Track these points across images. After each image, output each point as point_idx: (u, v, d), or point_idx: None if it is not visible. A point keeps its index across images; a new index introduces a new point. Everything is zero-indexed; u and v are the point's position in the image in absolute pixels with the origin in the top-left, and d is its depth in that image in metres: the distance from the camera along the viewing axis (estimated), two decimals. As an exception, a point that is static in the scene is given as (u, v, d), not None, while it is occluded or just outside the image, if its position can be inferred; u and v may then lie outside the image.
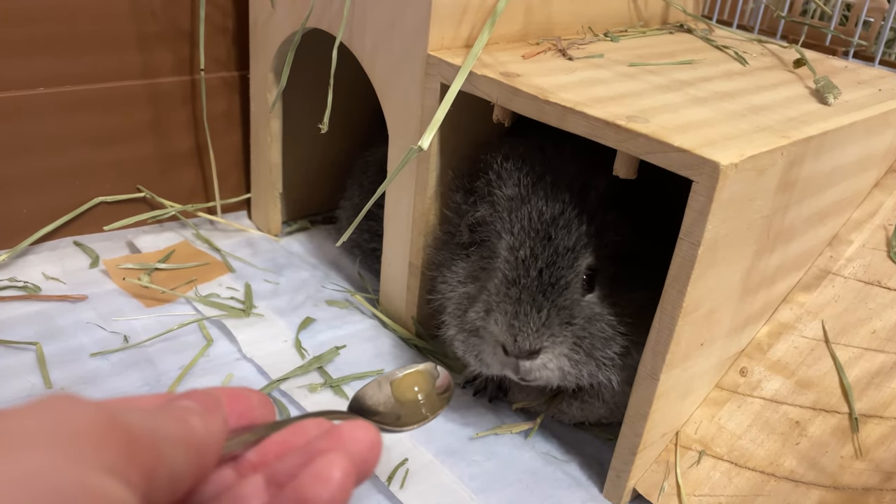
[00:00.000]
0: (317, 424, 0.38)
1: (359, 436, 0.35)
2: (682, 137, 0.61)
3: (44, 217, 1.03)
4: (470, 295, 0.75)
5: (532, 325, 0.67)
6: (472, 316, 0.72)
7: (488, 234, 0.74)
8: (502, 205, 0.73)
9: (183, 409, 0.34)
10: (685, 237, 0.61)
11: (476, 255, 0.77)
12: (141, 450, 0.28)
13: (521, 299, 0.68)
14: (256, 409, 0.39)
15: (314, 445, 0.35)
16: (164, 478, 0.29)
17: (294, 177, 1.15)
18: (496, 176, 0.74)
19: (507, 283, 0.69)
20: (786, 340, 0.80)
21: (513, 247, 0.70)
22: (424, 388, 0.63)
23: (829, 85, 0.79)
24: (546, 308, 0.68)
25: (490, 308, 0.70)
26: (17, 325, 0.89)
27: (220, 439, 0.34)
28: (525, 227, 0.70)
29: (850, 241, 0.86)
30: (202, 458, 0.33)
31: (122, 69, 1.02)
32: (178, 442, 0.31)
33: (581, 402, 0.83)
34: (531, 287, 0.68)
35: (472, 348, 0.73)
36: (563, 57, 0.82)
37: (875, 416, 0.74)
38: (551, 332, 0.68)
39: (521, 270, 0.69)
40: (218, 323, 0.94)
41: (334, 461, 0.33)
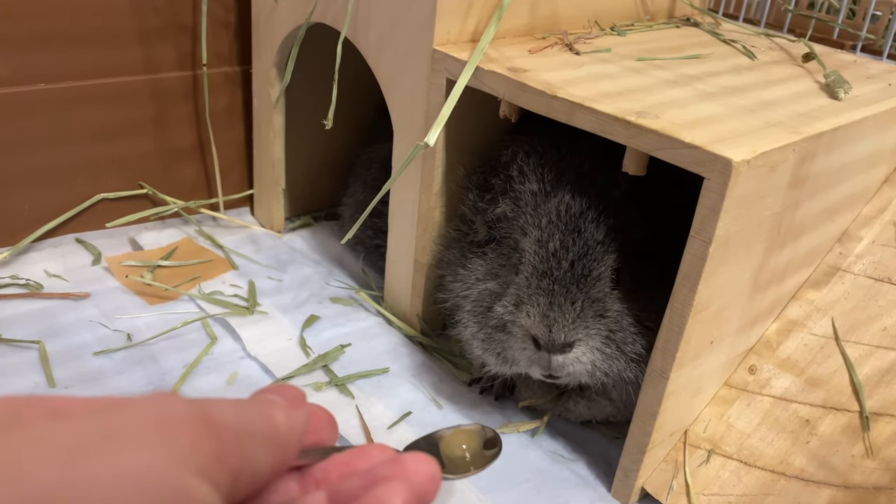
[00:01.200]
0: (381, 451, 0.40)
1: (421, 468, 0.35)
2: (693, 133, 0.60)
3: (45, 214, 1.02)
4: (491, 291, 0.74)
5: (567, 316, 0.66)
6: (499, 310, 0.71)
7: (509, 230, 0.73)
8: (526, 200, 0.72)
9: (269, 403, 0.35)
10: (696, 235, 0.61)
11: (494, 253, 0.75)
12: (230, 452, 0.30)
13: (555, 290, 0.67)
14: (324, 429, 0.41)
15: (377, 471, 0.36)
16: (247, 476, 0.31)
17: (297, 173, 1.14)
18: (518, 172, 0.73)
19: (538, 276, 0.68)
20: (795, 338, 0.79)
21: (542, 240, 0.69)
22: (472, 446, 0.64)
23: (840, 80, 0.79)
24: (580, 300, 0.67)
25: (521, 301, 0.68)
26: (20, 324, 0.89)
27: (301, 435, 0.36)
28: (553, 220, 0.69)
29: (860, 238, 0.85)
30: (283, 454, 0.34)
31: (123, 65, 1.01)
32: (263, 439, 0.33)
33: (588, 400, 0.82)
34: (564, 279, 0.67)
35: (496, 345, 0.71)
36: (570, 51, 0.82)
37: (886, 414, 0.73)
38: (585, 325, 0.67)
39: (552, 262, 0.68)
40: (222, 321, 0.93)
41: (396, 489, 0.33)
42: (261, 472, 0.33)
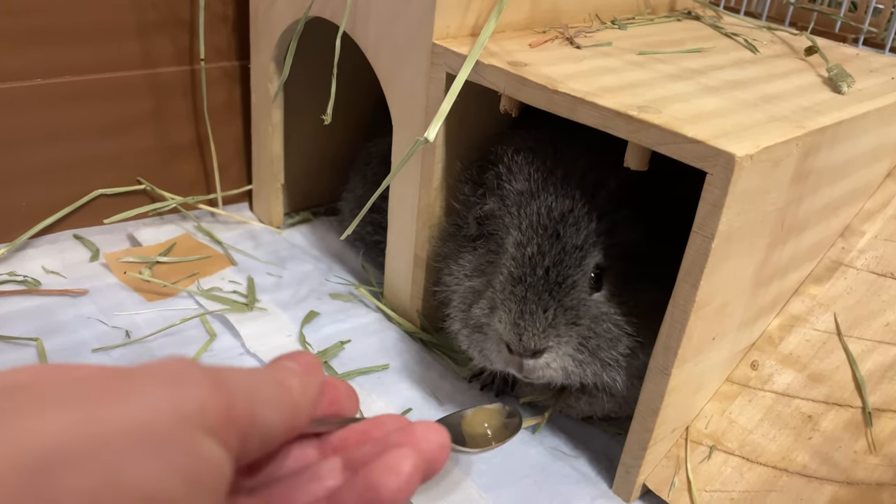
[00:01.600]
0: (394, 420, 0.41)
1: (430, 436, 0.37)
2: (696, 128, 0.59)
3: (43, 210, 1.01)
4: (475, 289, 0.74)
5: (538, 325, 0.66)
6: (476, 312, 0.71)
7: (496, 227, 0.73)
8: (512, 199, 0.71)
9: (284, 369, 0.37)
10: (698, 230, 0.60)
11: (483, 249, 0.75)
12: (239, 413, 0.31)
13: (527, 298, 0.66)
14: (344, 401, 0.42)
15: (389, 439, 0.37)
16: (257, 438, 0.33)
17: (296, 168, 1.14)
18: (506, 169, 0.73)
19: (512, 281, 0.68)
20: (797, 333, 0.79)
21: (520, 243, 0.68)
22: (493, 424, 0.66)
23: (843, 73, 0.78)
24: (552, 308, 0.66)
25: (494, 306, 0.69)
26: (18, 320, 0.88)
27: (314, 401, 0.37)
28: (533, 223, 0.68)
29: (863, 232, 0.84)
30: (294, 417, 0.36)
31: (121, 59, 1.01)
32: (275, 404, 0.34)
33: (589, 396, 0.82)
34: (537, 286, 0.67)
35: (476, 343, 0.72)
36: (570, 45, 0.81)
37: (889, 409, 0.73)
38: (557, 333, 0.66)
39: (527, 268, 0.67)
40: (221, 317, 0.93)
41: (406, 455, 0.35)
42: (272, 435, 0.34)
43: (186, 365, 0.31)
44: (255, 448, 0.33)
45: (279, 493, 0.38)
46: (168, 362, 0.32)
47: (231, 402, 0.31)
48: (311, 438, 0.41)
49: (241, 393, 0.32)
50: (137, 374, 0.30)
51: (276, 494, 0.37)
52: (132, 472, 0.26)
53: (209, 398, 0.30)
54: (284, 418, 0.35)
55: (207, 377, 0.31)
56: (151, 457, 0.27)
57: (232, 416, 0.31)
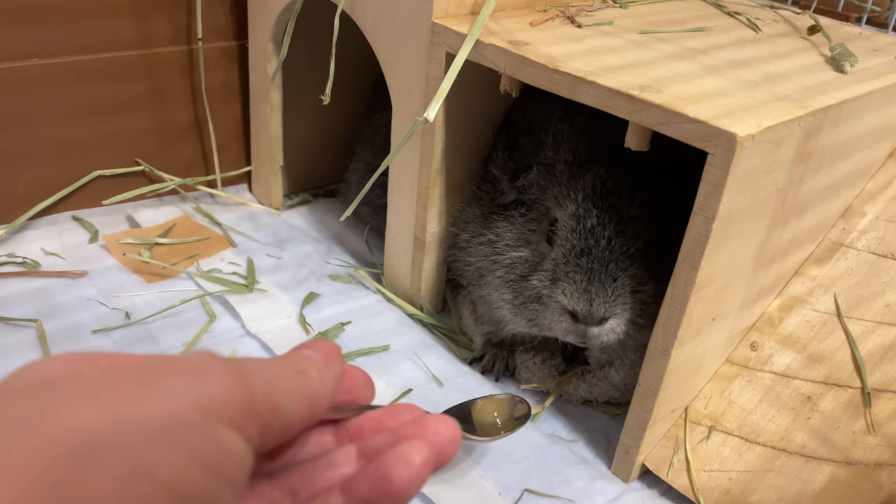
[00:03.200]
0: (409, 410, 0.43)
1: (442, 429, 0.38)
2: (697, 108, 0.59)
3: (41, 191, 1.01)
4: (525, 260, 0.75)
5: (606, 294, 0.69)
6: (535, 283, 0.73)
7: (541, 197, 0.74)
8: (560, 169, 0.73)
9: (304, 359, 0.38)
10: (699, 211, 0.60)
11: (524, 218, 0.76)
12: (260, 405, 0.32)
13: (593, 269, 0.69)
14: (360, 389, 0.44)
15: (403, 430, 0.39)
16: (277, 427, 0.34)
17: (295, 149, 1.13)
18: (551, 139, 0.74)
19: (577, 254, 0.70)
20: (797, 314, 0.79)
21: (578, 215, 0.70)
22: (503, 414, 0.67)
23: (846, 52, 0.77)
24: (619, 277, 0.69)
25: (557, 277, 0.71)
26: (17, 302, 0.88)
27: (333, 390, 0.38)
28: (589, 195, 0.70)
29: (864, 213, 0.84)
30: (314, 407, 0.37)
31: (118, 39, 1.00)
32: (295, 394, 0.35)
33: (589, 384, 0.82)
34: (602, 257, 0.69)
35: (530, 313, 0.73)
36: (571, 24, 0.80)
37: (888, 390, 0.73)
38: (623, 301, 0.69)
39: (590, 240, 0.70)
40: (220, 299, 0.93)
41: (418, 447, 0.36)
42: (292, 424, 0.35)
43: (210, 359, 0.33)
44: (276, 437, 0.35)
45: (297, 477, 0.39)
46: (192, 356, 0.33)
47: (252, 395, 0.32)
48: (328, 425, 0.42)
49: (262, 385, 0.33)
50: (164, 367, 0.31)
51: (295, 479, 0.39)
52: (158, 464, 0.28)
53: (231, 392, 0.31)
54: (304, 408, 0.36)
55: (230, 371, 0.32)
56: (176, 449, 0.28)
57: (253, 408, 0.32)
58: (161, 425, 0.28)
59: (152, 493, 0.27)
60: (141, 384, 0.30)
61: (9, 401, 0.29)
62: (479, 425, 0.66)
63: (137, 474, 0.27)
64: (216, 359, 0.33)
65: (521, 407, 0.69)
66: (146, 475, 0.27)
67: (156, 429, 0.28)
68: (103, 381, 0.30)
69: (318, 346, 0.40)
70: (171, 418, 0.29)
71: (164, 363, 0.32)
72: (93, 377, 0.30)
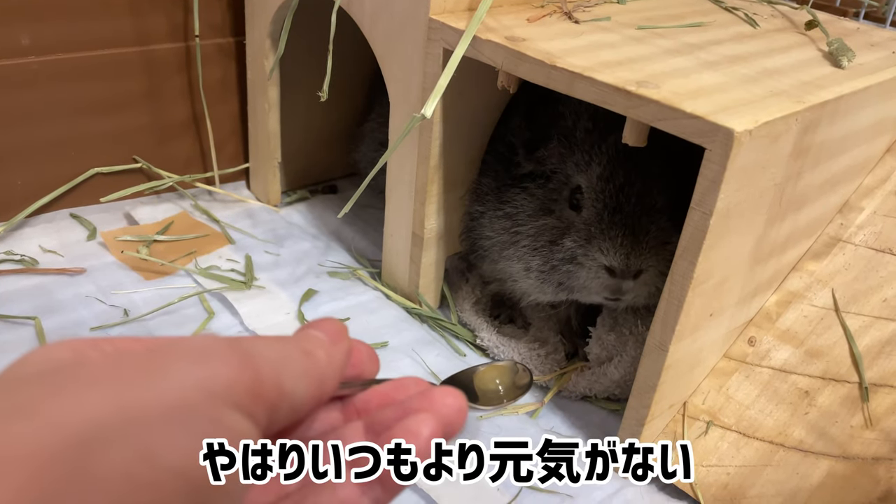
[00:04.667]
0: (415, 383, 0.42)
1: (449, 401, 0.38)
2: (695, 103, 0.59)
3: (39, 189, 1.01)
4: (551, 226, 0.77)
5: (642, 246, 0.72)
6: (569, 244, 0.75)
7: (561, 166, 0.77)
8: (580, 137, 0.76)
9: (310, 339, 0.37)
10: (697, 206, 0.60)
11: (543, 189, 0.79)
12: (267, 387, 0.32)
13: (626, 224, 0.72)
14: (366, 363, 0.43)
15: (409, 403, 0.39)
16: (285, 409, 0.34)
17: (293, 146, 1.13)
18: (569, 110, 0.76)
19: (609, 212, 0.73)
20: (795, 309, 0.79)
21: (605, 177, 0.73)
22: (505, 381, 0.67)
23: (843, 47, 0.77)
24: (651, 231, 0.73)
25: (593, 236, 0.74)
26: (15, 299, 0.88)
27: (340, 370, 0.38)
28: (613, 157, 0.73)
29: (862, 208, 0.84)
30: (322, 388, 0.37)
31: (114, 36, 1.00)
32: (301, 375, 0.35)
33: (589, 379, 0.82)
34: (633, 213, 0.73)
35: (562, 276, 0.76)
36: (569, 20, 0.80)
37: (885, 385, 0.73)
38: (656, 253, 0.73)
39: (620, 198, 0.73)
40: (219, 295, 0.93)
41: (425, 420, 0.36)
42: (300, 406, 0.35)
43: (215, 341, 0.33)
44: (284, 418, 0.35)
45: None
46: (197, 339, 0.33)
47: (259, 377, 0.32)
48: (335, 401, 0.42)
49: (269, 367, 0.33)
50: (168, 352, 0.31)
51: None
52: (165, 448, 0.28)
53: (237, 375, 0.31)
54: (311, 389, 0.36)
55: (236, 353, 0.32)
56: (182, 433, 0.28)
57: (259, 391, 0.32)
58: (166, 410, 0.28)
59: (160, 477, 0.27)
60: (145, 370, 0.30)
61: (13, 389, 0.29)
62: (480, 393, 0.65)
63: (144, 459, 0.27)
64: (222, 341, 0.33)
65: (524, 375, 0.69)
66: (153, 460, 0.27)
67: (161, 414, 0.28)
68: (107, 367, 0.30)
69: (325, 325, 0.40)
70: (177, 403, 0.29)
71: (169, 347, 0.32)
72: (97, 363, 0.30)
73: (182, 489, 0.28)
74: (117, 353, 0.34)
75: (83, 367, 0.30)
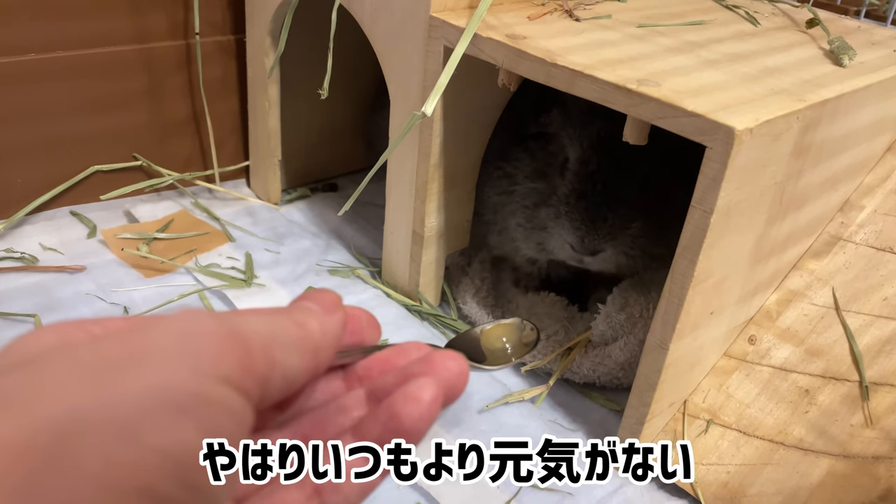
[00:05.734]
0: (416, 348, 0.42)
1: (449, 364, 0.37)
2: (696, 101, 0.59)
3: (39, 187, 1.01)
4: (539, 191, 0.84)
5: (597, 232, 0.78)
6: (542, 215, 0.83)
7: (560, 133, 0.82)
8: (575, 114, 0.80)
9: (303, 310, 0.37)
10: (697, 205, 0.60)
11: (543, 151, 0.84)
12: (256, 360, 0.32)
13: (588, 209, 0.78)
14: (366, 330, 0.43)
15: (410, 368, 0.38)
16: (277, 382, 0.33)
17: (293, 144, 1.13)
18: None
19: (576, 195, 0.79)
20: (795, 308, 0.79)
21: (582, 160, 0.79)
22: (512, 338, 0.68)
23: (844, 46, 0.77)
24: (610, 218, 0.78)
25: (559, 214, 0.80)
26: (16, 297, 0.88)
27: (336, 340, 0.37)
28: (594, 143, 0.78)
29: (862, 207, 0.84)
30: (316, 359, 0.36)
31: (114, 34, 0.99)
32: (294, 346, 0.34)
33: (592, 361, 0.82)
34: (597, 199, 0.78)
35: (538, 238, 0.84)
36: (569, 18, 0.80)
37: (886, 384, 0.73)
38: (612, 237, 0.78)
39: (588, 185, 0.78)
40: (219, 293, 0.93)
41: (426, 385, 0.36)
42: (293, 378, 0.34)
43: (201, 317, 0.32)
44: (277, 392, 0.34)
45: (308, 425, 0.39)
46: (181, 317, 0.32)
47: (248, 351, 0.31)
48: (336, 370, 0.41)
49: (258, 339, 0.32)
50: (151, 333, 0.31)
51: (306, 427, 0.38)
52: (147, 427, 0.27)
53: (224, 349, 0.30)
54: (306, 361, 0.35)
55: (222, 327, 0.31)
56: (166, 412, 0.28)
57: (249, 365, 0.31)
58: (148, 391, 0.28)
59: (143, 456, 0.27)
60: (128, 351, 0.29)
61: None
62: (488, 352, 0.66)
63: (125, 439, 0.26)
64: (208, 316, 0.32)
65: (531, 332, 0.69)
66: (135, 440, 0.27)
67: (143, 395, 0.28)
68: (91, 351, 0.29)
69: (318, 296, 0.39)
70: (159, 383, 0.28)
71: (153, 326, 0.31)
72: (81, 348, 0.30)
73: (168, 468, 0.27)
74: (102, 334, 0.33)
75: (66, 353, 0.30)
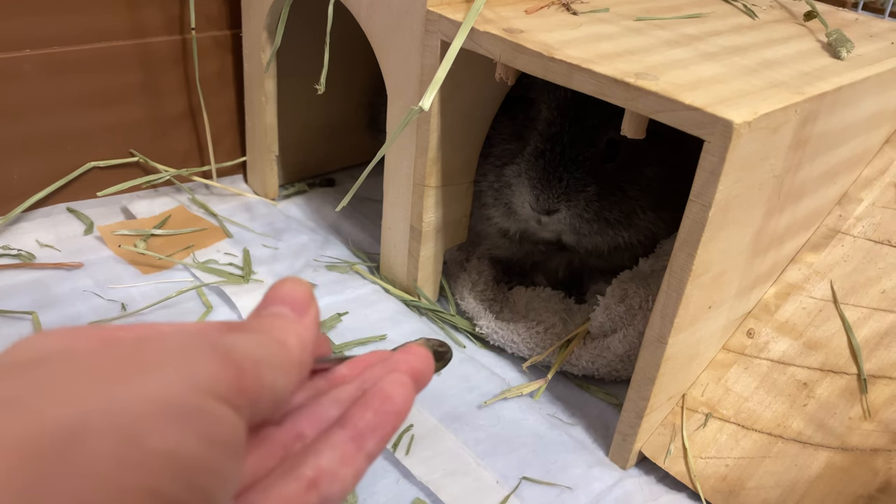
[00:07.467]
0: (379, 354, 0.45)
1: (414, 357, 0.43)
2: (694, 95, 0.59)
3: (36, 183, 1.00)
4: (511, 151, 0.86)
5: (553, 191, 0.80)
6: (507, 172, 0.85)
7: (539, 98, 0.83)
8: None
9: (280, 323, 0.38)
10: (696, 198, 0.60)
11: (524, 115, 0.86)
12: (249, 382, 0.33)
13: (546, 169, 0.80)
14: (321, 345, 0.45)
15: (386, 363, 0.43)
16: (267, 401, 0.35)
17: (290, 139, 1.13)
18: None
19: (537, 154, 0.81)
20: (794, 301, 0.79)
21: (549, 121, 0.81)
22: None
23: (842, 38, 0.77)
24: (566, 179, 0.80)
25: (521, 172, 0.83)
26: (13, 294, 0.88)
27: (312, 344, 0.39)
28: (560, 105, 0.80)
29: (860, 200, 0.84)
30: (299, 373, 0.38)
31: (110, 29, 0.99)
32: (280, 367, 0.36)
33: (591, 353, 0.82)
34: (555, 160, 0.80)
35: (504, 197, 0.86)
36: (567, 12, 0.80)
37: (884, 376, 0.73)
38: (567, 198, 0.80)
39: (548, 145, 0.80)
40: (217, 289, 0.93)
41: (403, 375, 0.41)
42: (280, 395, 0.36)
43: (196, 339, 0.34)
44: (266, 409, 0.36)
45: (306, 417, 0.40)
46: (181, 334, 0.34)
47: (241, 374, 0.33)
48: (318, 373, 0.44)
49: (249, 363, 0.34)
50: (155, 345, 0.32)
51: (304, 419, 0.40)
52: (151, 433, 0.28)
53: (219, 371, 0.32)
54: (291, 378, 0.37)
55: (217, 351, 0.33)
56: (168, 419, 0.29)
57: (242, 386, 0.33)
58: (153, 399, 0.29)
59: (147, 459, 0.28)
60: (131, 362, 0.31)
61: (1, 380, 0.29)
62: None
63: (131, 443, 0.27)
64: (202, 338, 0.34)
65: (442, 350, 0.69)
66: (140, 443, 0.28)
67: (148, 403, 0.29)
68: (94, 359, 0.30)
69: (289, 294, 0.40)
70: (163, 393, 0.30)
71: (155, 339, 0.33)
72: (84, 355, 0.31)
73: (172, 470, 0.28)
74: (106, 342, 0.34)
75: (69, 359, 0.30)
